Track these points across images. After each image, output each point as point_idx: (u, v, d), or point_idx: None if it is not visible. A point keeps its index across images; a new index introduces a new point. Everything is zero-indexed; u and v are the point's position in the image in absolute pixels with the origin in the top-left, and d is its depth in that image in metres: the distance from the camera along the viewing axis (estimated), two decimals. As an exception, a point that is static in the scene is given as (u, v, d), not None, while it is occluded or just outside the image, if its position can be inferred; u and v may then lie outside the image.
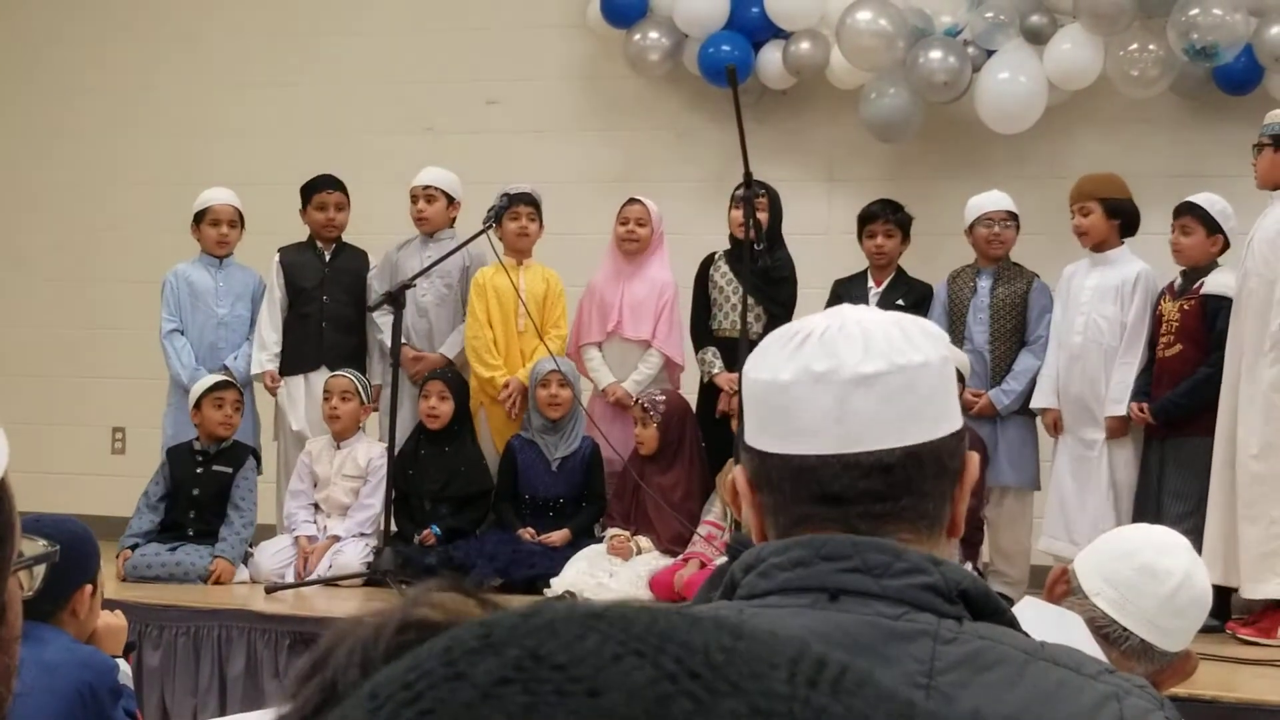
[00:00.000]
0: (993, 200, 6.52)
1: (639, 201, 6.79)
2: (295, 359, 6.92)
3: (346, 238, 7.07)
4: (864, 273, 6.65)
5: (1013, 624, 1.28)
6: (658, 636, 0.51)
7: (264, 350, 6.90)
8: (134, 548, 6.31)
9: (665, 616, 0.53)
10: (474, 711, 0.49)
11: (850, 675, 0.53)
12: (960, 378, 5.71)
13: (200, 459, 6.51)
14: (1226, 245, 6.01)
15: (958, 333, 6.41)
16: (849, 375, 1.27)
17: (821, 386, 1.27)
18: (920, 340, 1.30)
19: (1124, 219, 6.21)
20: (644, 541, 6.26)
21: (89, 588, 3.07)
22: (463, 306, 6.85)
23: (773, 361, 1.31)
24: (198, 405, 6.50)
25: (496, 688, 0.49)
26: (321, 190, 6.96)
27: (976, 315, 6.48)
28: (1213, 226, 5.96)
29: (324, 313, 6.93)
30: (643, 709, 0.48)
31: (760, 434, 1.32)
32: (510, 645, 0.51)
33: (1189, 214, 6.00)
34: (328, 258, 7.00)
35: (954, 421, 1.31)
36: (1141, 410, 6.01)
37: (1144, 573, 2.39)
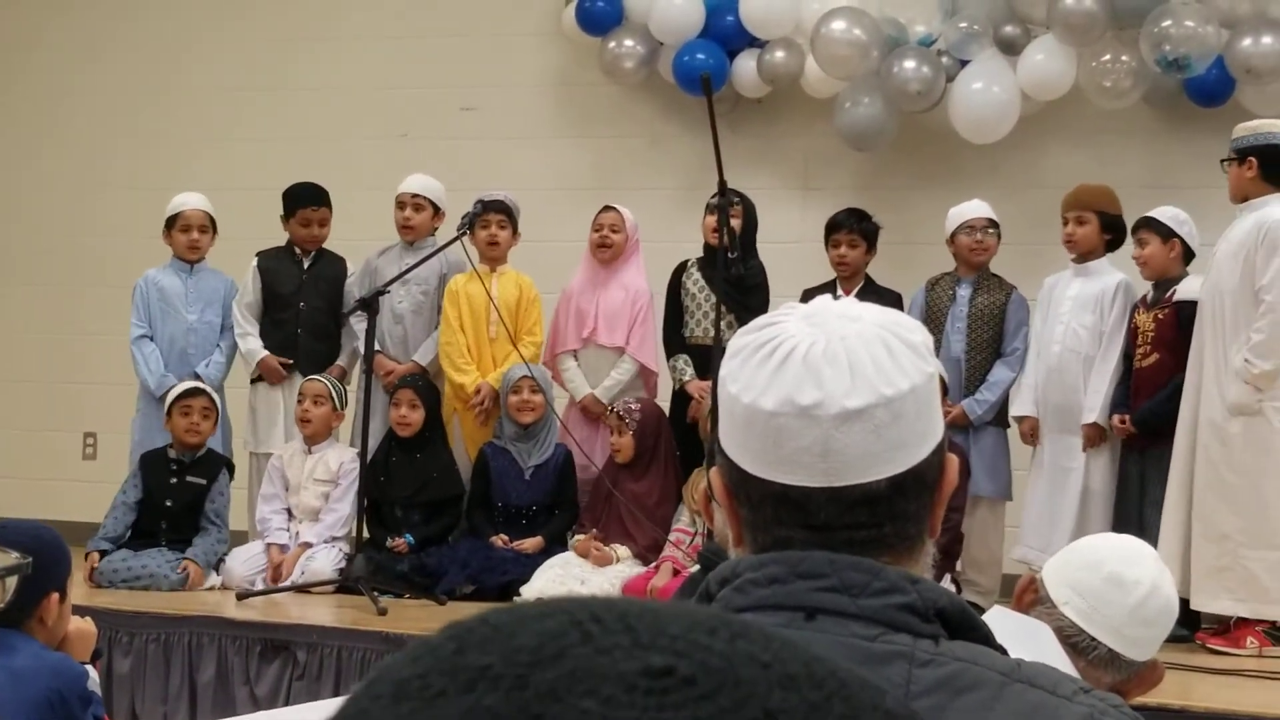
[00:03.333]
0: (974, 208, 6.55)
1: (613, 209, 6.80)
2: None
3: (324, 243, 7.06)
4: (834, 282, 6.66)
5: (988, 640, 1.27)
6: (596, 603, 0.57)
7: (249, 338, 6.87)
8: (104, 554, 6.28)
9: (628, 602, 0.58)
10: (414, 659, 0.56)
11: (765, 634, 0.57)
12: (944, 388, 5.73)
13: (174, 468, 6.47)
14: (1188, 251, 6.04)
15: (934, 341, 6.40)
16: (835, 411, 1.24)
17: (806, 421, 1.25)
18: (907, 361, 1.27)
19: (1115, 234, 6.25)
20: (622, 550, 6.26)
21: (57, 595, 3.05)
22: (438, 314, 6.84)
23: (752, 380, 1.28)
24: (169, 413, 6.47)
25: (444, 643, 0.56)
26: (307, 206, 6.92)
27: (955, 324, 6.50)
28: (1166, 233, 6.01)
29: (300, 319, 6.92)
30: (539, 641, 0.54)
31: (740, 451, 1.30)
32: (478, 617, 0.58)
33: (1144, 228, 6.09)
34: (306, 264, 6.99)
35: (937, 434, 1.30)
36: (1123, 422, 6.02)
37: (1111, 582, 2.40)
